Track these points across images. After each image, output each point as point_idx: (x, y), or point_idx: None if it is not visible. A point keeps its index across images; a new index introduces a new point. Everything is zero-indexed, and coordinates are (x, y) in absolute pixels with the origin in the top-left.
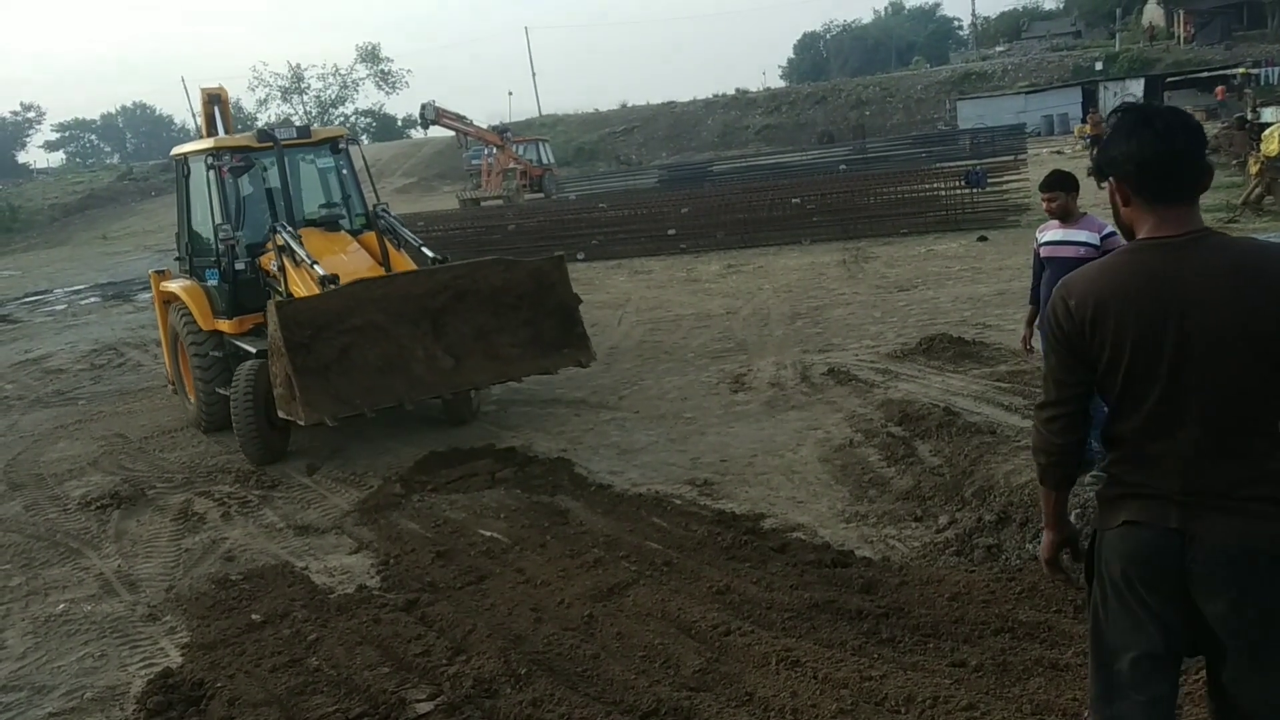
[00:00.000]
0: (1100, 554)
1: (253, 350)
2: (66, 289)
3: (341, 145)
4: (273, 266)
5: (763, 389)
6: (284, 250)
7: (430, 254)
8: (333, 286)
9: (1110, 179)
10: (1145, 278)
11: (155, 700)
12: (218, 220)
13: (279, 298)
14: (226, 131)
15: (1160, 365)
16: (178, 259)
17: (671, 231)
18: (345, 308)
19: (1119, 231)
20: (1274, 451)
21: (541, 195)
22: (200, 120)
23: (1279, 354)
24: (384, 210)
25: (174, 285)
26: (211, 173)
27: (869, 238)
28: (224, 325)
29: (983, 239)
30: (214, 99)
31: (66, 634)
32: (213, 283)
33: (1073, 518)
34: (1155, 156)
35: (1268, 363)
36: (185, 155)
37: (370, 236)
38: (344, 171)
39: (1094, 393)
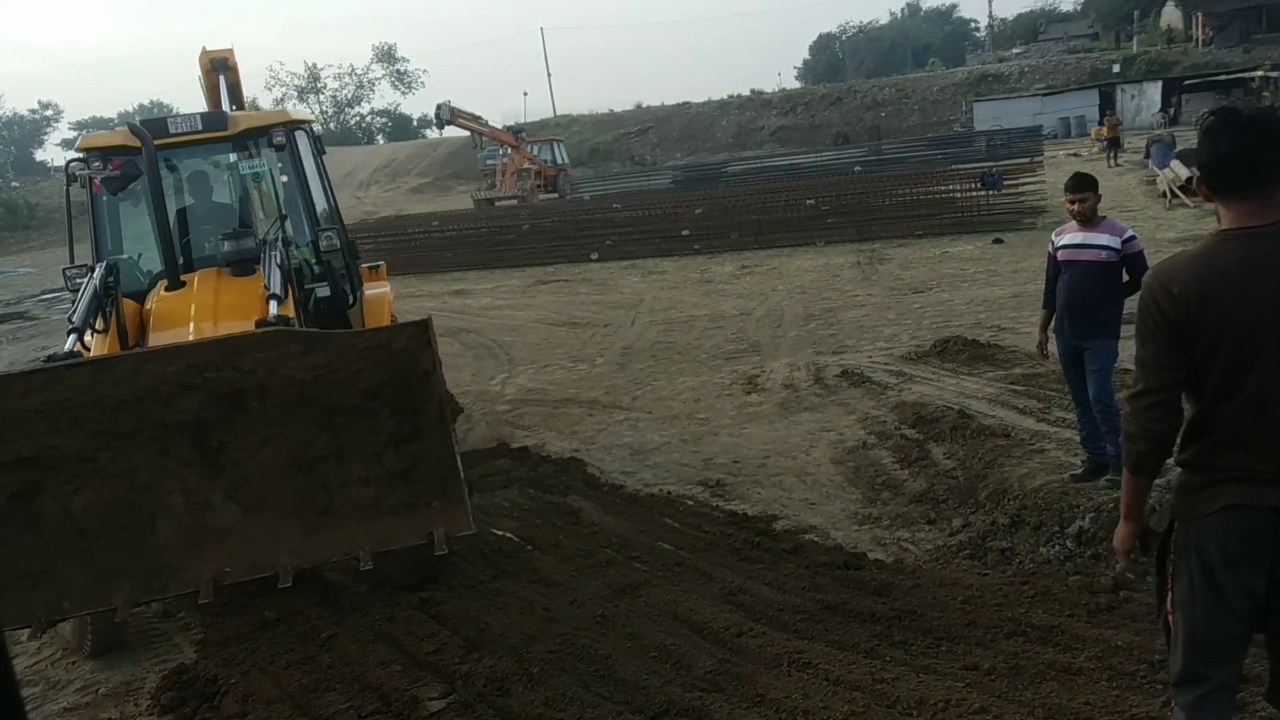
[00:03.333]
0: (1188, 542)
1: None
2: None
3: (279, 139)
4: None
5: (776, 390)
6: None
7: (274, 313)
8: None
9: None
10: (1243, 263)
11: (169, 696)
12: (69, 260)
13: None
14: (239, 109)
15: (1260, 347)
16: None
17: (685, 232)
18: None
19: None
20: None
21: (556, 195)
22: (204, 95)
23: None
24: (279, 238)
25: None
26: (77, 186)
27: (884, 239)
28: None
29: (998, 241)
30: (219, 65)
31: None
32: None
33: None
34: (1223, 154)
35: None
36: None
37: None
38: (283, 180)
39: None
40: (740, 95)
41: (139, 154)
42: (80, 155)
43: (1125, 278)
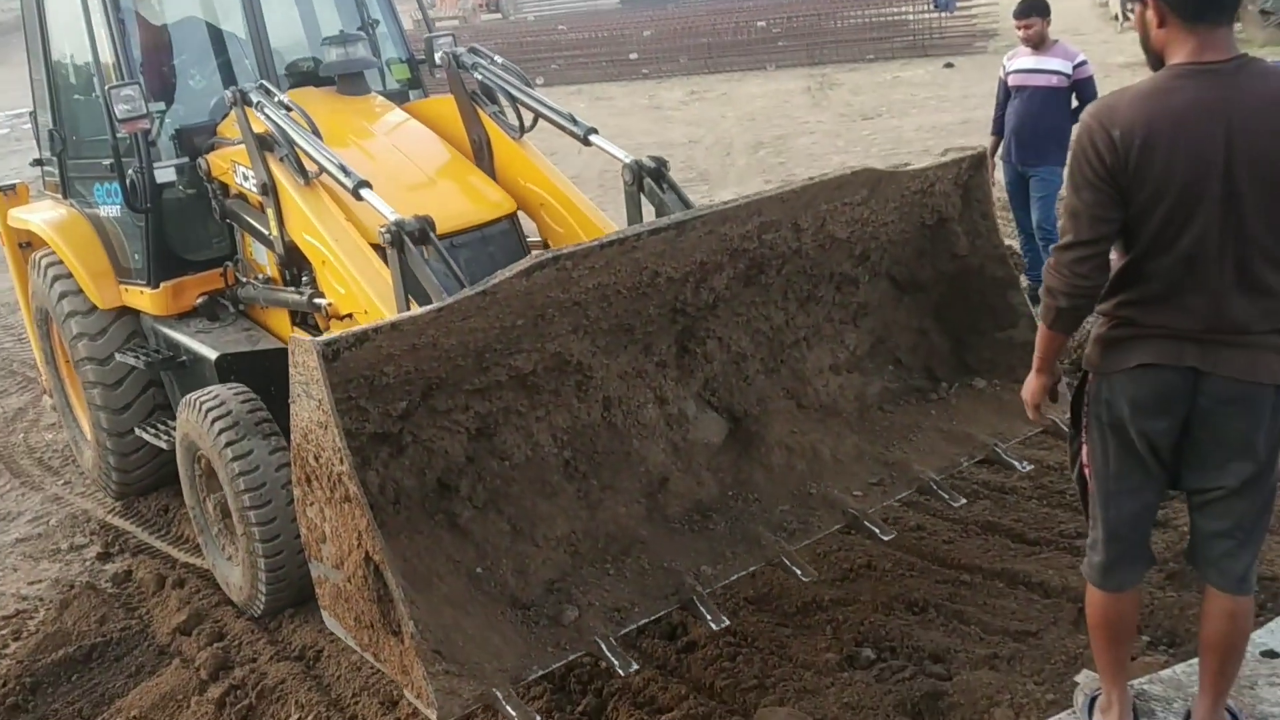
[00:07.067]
0: (1099, 396)
1: (210, 353)
2: (8, 112)
3: None
4: (237, 177)
5: None
6: (266, 139)
7: (624, 156)
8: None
9: None
10: (1196, 106)
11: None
12: (110, 78)
13: (299, 297)
14: None
15: (1205, 199)
16: (38, 161)
17: (633, 56)
18: (507, 323)
19: (1146, 57)
20: None
21: (499, 16)
22: None
23: None
24: (467, 54)
25: (36, 217)
26: None
27: (835, 64)
28: (140, 298)
29: (949, 66)
30: None
31: None
32: (109, 210)
33: None
34: None
35: None
36: None
37: (434, 104)
38: None
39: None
40: None
41: None
42: None
43: (1074, 104)
